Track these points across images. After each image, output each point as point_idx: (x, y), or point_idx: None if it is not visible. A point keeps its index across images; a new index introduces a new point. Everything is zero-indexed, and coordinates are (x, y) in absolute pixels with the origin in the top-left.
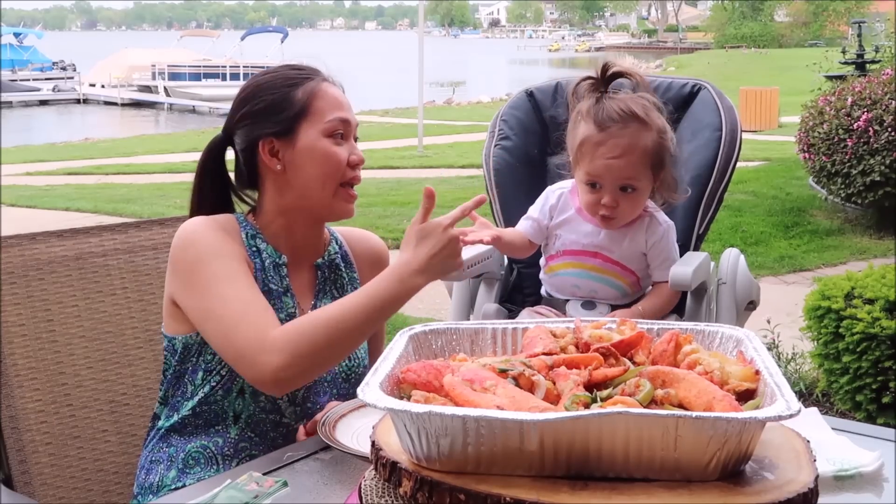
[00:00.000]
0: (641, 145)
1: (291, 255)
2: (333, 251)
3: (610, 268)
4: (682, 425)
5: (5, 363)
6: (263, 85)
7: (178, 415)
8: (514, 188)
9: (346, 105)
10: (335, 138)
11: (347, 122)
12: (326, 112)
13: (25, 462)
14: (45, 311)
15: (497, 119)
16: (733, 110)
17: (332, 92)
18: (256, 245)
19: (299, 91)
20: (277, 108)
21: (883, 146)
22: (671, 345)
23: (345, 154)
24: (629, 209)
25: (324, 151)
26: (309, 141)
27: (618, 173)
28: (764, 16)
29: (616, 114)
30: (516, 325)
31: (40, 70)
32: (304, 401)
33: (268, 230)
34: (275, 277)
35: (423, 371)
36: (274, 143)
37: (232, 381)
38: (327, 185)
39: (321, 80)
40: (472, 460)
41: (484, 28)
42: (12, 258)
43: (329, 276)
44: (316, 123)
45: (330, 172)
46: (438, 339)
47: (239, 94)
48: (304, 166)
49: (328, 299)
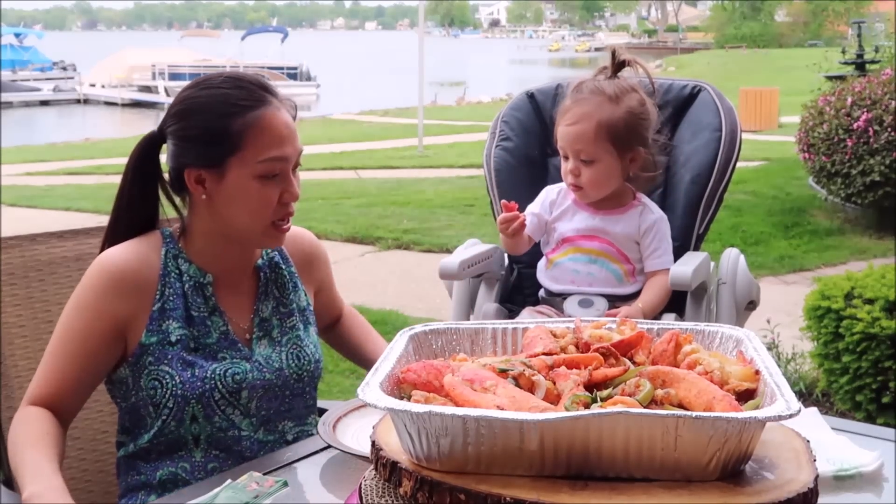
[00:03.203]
0: (599, 116)
1: (221, 271)
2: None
3: (607, 250)
4: (682, 425)
5: (5, 364)
6: (199, 106)
7: (136, 445)
8: (514, 189)
9: (287, 137)
10: (266, 178)
11: (284, 159)
12: (261, 151)
13: None
14: (46, 312)
15: (498, 120)
16: (733, 111)
17: (275, 123)
18: (178, 266)
19: (236, 122)
20: (208, 139)
21: (883, 146)
22: (671, 345)
23: (275, 195)
24: (591, 180)
25: (252, 195)
26: (238, 181)
27: (572, 140)
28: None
29: (588, 89)
30: (516, 325)
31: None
32: (258, 410)
33: (193, 248)
34: (196, 300)
35: (424, 371)
36: (201, 173)
37: (182, 411)
38: (254, 226)
39: (265, 109)
40: (473, 460)
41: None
42: (12, 259)
43: (271, 276)
44: (248, 164)
45: (257, 214)
46: (438, 339)
47: (174, 104)
48: (229, 204)
49: (271, 301)
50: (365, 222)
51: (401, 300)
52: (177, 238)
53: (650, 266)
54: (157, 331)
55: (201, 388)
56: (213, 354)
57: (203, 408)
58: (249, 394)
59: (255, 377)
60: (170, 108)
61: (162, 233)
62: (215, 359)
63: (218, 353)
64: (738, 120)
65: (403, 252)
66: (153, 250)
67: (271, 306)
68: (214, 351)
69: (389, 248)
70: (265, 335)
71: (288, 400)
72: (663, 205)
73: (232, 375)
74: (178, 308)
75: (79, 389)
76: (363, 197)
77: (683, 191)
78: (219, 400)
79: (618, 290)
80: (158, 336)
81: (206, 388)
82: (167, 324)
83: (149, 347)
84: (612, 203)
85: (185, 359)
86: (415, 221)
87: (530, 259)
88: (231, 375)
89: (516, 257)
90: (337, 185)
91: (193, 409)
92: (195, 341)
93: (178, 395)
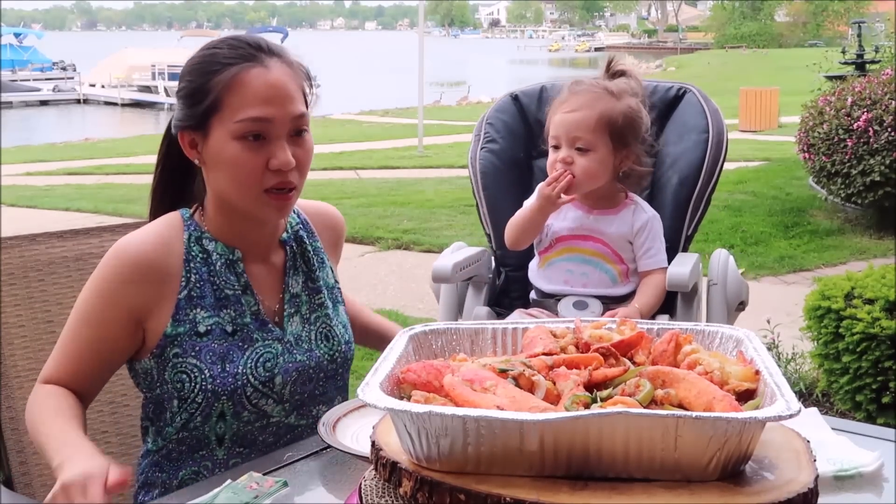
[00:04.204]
0: (600, 107)
1: (246, 245)
2: (294, 222)
3: (601, 250)
4: (682, 425)
5: (5, 364)
6: (190, 66)
7: (162, 440)
8: (500, 191)
9: (272, 98)
10: (246, 140)
11: (265, 120)
12: (238, 110)
13: (26, 463)
14: (45, 312)
15: (482, 122)
16: (719, 113)
17: (257, 82)
18: (203, 248)
19: (216, 80)
20: (194, 98)
21: (883, 146)
22: (671, 345)
23: (258, 160)
24: (584, 169)
25: (230, 158)
26: (219, 142)
27: (570, 127)
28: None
29: (589, 83)
30: (516, 325)
31: (40, 70)
32: (292, 395)
33: (213, 225)
34: (230, 278)
35: (424, 371)
36: (193, 136)
37: (210, 407)
38: (243, 193)
39: (249, 66)
40: (472, 460)
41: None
42: (12, 259)
43: (298, 250)
44: (226, 123)
45: (243, 180)
46: (438, 339)
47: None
48: (216, 169)
49: (300, 276)
50: (365, 222)
51: (401, 300)
52: (197, 216)
53: (644, 266)
54: (185, 320)
55: (233, 385)
56: (248, 336)
57: (233, 405)
58: (283, 379)
59: (286, 360)
60: None
61: (182, 215)
62: (251, 341)
63: (252, 334)
64: (723, 121)
65: (403, 252)
66: (175, 235)
67: (301, 281)
68: (251, 331)
69: (389, 248)
70: (296, 312)
71: (322, 383)
72: (651, 207)
73: (264, 364)
74: (206, 295)
75: (94, 374)
76: (363, 197)
77: (671, 193)
78: (251, 394)
79: (612, 292)
80: (186, 326)
81: (239, 384)
82: (195, 313)
83: (175, 338)
84: (605, 202)
85: (216, 350)
86: (415, 221)
87: (518, 262)
88: (263, 364)
89: (504, 261)
90: (337, 186)
91: (223, 405)
92: (232, 323)
93: (207, 391)
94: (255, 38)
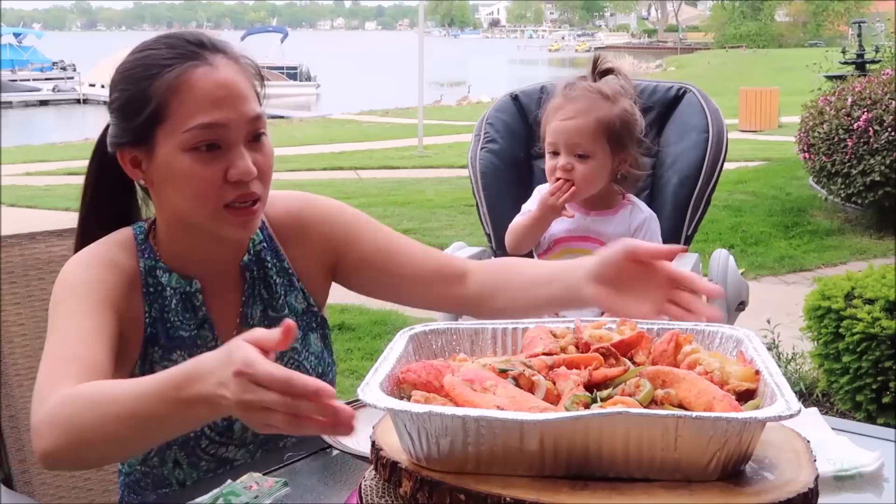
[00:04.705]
0: (597, 113)
1: (204, 273)
2: (259, 239)
3: (600, 250)
4: (683, 425)
5: (5, 363)
6: (122, 73)
7: (128, 466)
8: (500, 191)
9: (223, 99)
10: (199, 151)
11: (218, 126)
12: (187, 117)
13: (25, 462)
14: (45, 311)
15: (482, 122)
16: (719, 113)
17: (203, 83)
18: (157, 280)
19: (156, 85)
20: (131, 109)
21: (883, 146)
22: (671, 345)
23: (214, 172)
24: (584, 176)
25: (183, 172)
26: (168, 157)
27: (569, 134)
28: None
29: (582, 87)
30: (516, 325)
31: (40, 70)
32: (255, 436)
33: (166, 251)
34: (184, 316)
35: (424, 371)
36: (134, 152)
37: (163, 454)
38: (200, 211)
39: (192, 66)
40: (473, 460)
41: (484, 28)
42: (12, 257)
43: (258, 274)
44: (173, 133)
45: (199, 197)
46: (438, 339)
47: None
48: (166, 187)
49: (258, 305)
50: None
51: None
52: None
53: None
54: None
55: (183, 437)
56: None
57: (187, 455)
58: (243, 426)
59: None
60: None
61: (135, 236)
62: None
63: None
64: (723, 121)
65: None
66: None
67: (259, 311)
68: None
69: None
70: None
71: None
72: (651, 207)
73: None
74: (159, 335)
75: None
76: (363, 197)
77: (671, 193)
78: (206, 446)
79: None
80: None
81: (191, 435)
82: (152, 352)
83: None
84: (602, 203)
85: None
86: (415, 221)
87: None
88: None
89: None
90: (337, 186)
91: (176, 454)
92: None
93: None
94: (195, 34)
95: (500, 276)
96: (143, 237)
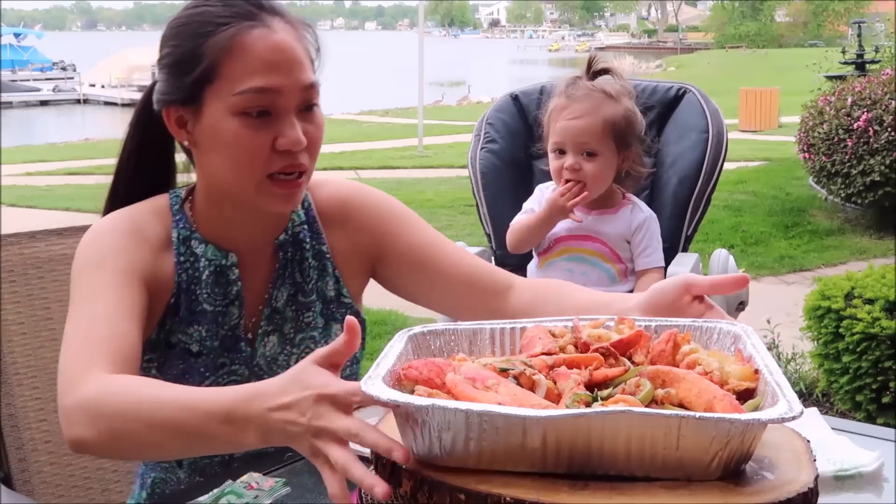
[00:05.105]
0: (603, 112)
1: (241, 247)
2: (299, 219)
3: (600, 249)
4: (685, 425)
5: (5, 361)
6: (176, 28)
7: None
8: (500, 190)
9: (279, 64)
10: (249, 116)
11: (272, 91)
12: (239, 79)
13: (25, 461)
14: (45, 310)
15: (482, 122)
16: (718, 113)
17: (260, 45)
18: (191, 250)
19: (209, 44)
20: (183, 66)
21: (883, 146)
22: (669, 345)
23: (262, 140)
24: (592, 175)
25: (229, 136)
26: (215, 119)
27: (577, 133)
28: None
29: (585, 87)
30: (514, 325)
31: (40, 70)
32: None
33: (203, 221)
34: (214, 292)
35: (426, 368)
36: (181, 112)
37: None
38: (243, 179)
39: (249, 27)
40: (474, 456)
41: (484, 28)
42: (12, 256)
43: (293, 257)
44: (223, 95)
45: (244, 164)
46: (437, 339)
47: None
48: (210, 149)
49: (287, 288)
50: None
51: (401, 300)
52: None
53: (641, 265)
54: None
55: None
56: (213, 362)
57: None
58: None
59: None
60: None
61: (170, 203)
62: (214, 368)
63: (218, 358)
64: (723, 121)
65: None
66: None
67: (286, 294)
68: (217, 355)
69: None
70: (275, 330)
71: None
72: (651, 207)
73: None
74: (181, 305)
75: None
76: None
77: (671, 192)
78: None
79: (611, 291)
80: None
81: None
82: (171, 322)
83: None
84: (603, 203)
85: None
86: None
87: (518, 262)
88: None
89: (504, 261)
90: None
91: None
92: (199, 343)
93: None
94: None
95: (548, 297)
96: (179, 206)
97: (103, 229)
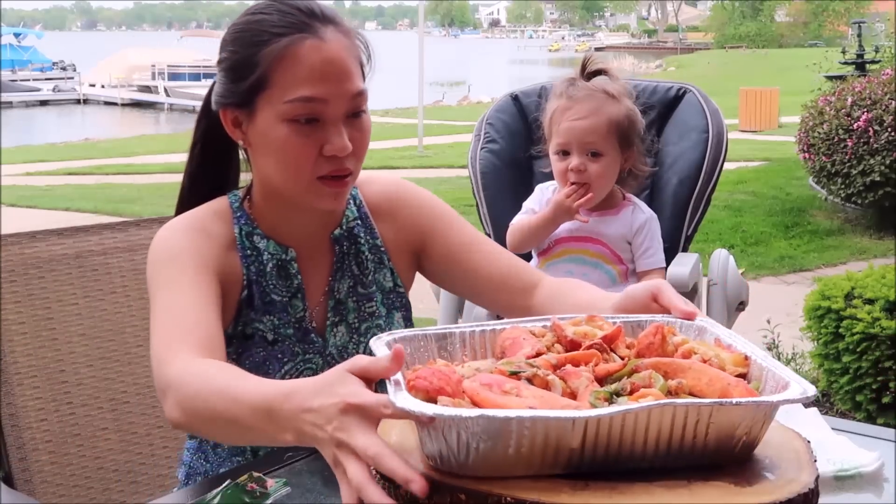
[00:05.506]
0: (607, 112)
1: (298, 241)
2: (352, 215)
3: (601, 251)
4: (717, 412)
5: (5, 361)
6: (234, 34)
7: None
8: (500, 190)
9: (329, 75)
10: (298, 123)
11: (319, 100)
12: (289, 88)
13: (25, 460)
14: (45, 310)
15: (482, 122)
16: (719, 113)
17: (311, 56)
18: (254, 245)
19: (264, 53)
20: (238, 72)
21: (883, 146)
22: (657, 337)
23: (310, 147)
24: (598, 175)
25: (279, 142)
26: (267, 124)
27: (583, 134)
28: (764, 16)
29: (585, 88)
30: (484, 328)
31: (40, 70)
32: None
33: (263, 218)
34: (278, 282)
35: (434, 377)
36: (236, 113)
37: None
38: (293, 181)
39: (301, 37)
40: (510, 462)
41: (484, 28)
42: (12, 256)
43: (349, 250)
44: (275, 102)
45: (293, 167)
46: (407, 346)
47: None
48: (263, 153)
49: (347, 280)
50: None
51: None
52: (246, 206)
53: (642, 265)
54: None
55: None
56: (289, 349)
57: None
58: None
59: None
60: None
61: (230, 203)
62: (291, 354)
63: (294, 346)
64: (723, 121)
65: None
66: (224, 226)
67: (347, 285)
68: (291, 343)
69: None
70: (341, 321)
71: None
72: (651, 207)
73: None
74: (253, 297)
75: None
76: None
77: (671, 193)
78: None
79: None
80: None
81: None
82: (247, 313)
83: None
84: (604, 204)
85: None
86: None
87: None
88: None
89: None
90: None
91: None
92: (274, 331)
93: None
94: (307, 3)
95: (565, 292)
96: (238, 204)
97: (173, 229)
